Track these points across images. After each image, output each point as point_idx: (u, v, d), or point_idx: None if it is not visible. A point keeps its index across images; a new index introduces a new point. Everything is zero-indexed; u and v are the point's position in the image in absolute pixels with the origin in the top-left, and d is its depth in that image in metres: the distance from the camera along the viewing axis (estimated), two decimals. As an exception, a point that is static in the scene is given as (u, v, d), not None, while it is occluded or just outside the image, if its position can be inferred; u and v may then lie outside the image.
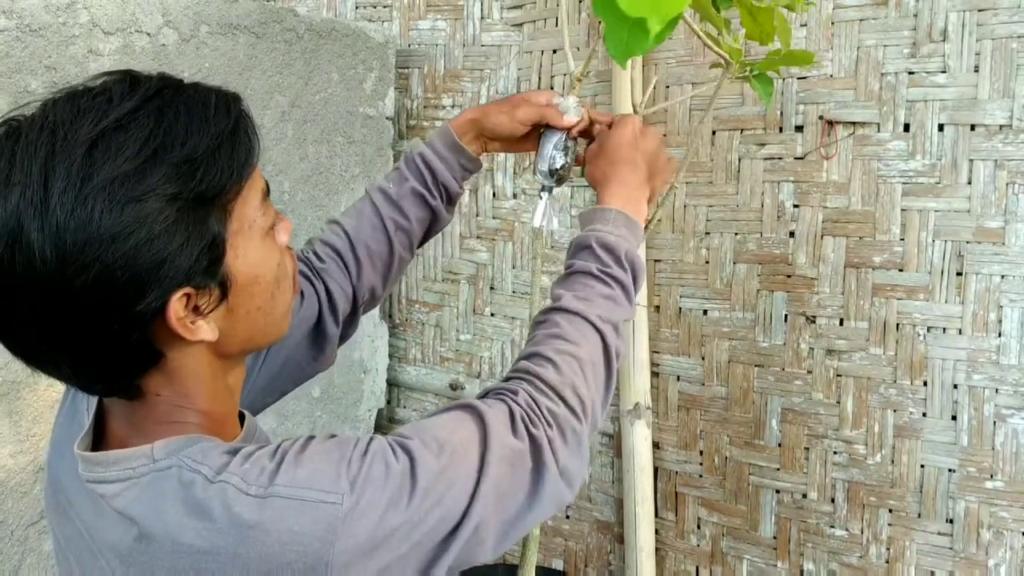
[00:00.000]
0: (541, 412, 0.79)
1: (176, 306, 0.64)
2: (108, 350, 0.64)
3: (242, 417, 0.79)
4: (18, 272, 0.60)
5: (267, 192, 0.74)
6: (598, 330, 0.88)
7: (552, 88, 1.14)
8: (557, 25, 2.23)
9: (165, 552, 0.64)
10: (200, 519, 0.63)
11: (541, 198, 1.12)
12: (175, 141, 0.63)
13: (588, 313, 0.88)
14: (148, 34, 1.76)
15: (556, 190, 1.12)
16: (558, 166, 1.09)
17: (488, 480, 0.71)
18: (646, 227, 1.03)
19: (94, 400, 0.75)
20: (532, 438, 0.77)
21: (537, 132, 1.11)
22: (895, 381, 1.84)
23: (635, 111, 1.16)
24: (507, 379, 0.85)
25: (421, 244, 1.13)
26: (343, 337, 1.06)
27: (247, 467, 0.65)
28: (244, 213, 0.69)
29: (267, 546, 0.63)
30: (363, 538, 0.64)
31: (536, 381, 0.82)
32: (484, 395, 0.83)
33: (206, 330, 0.67)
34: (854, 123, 1.85)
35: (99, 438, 0.74)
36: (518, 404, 0.78)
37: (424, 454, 0.69)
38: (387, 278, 1.10)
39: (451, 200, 1.12)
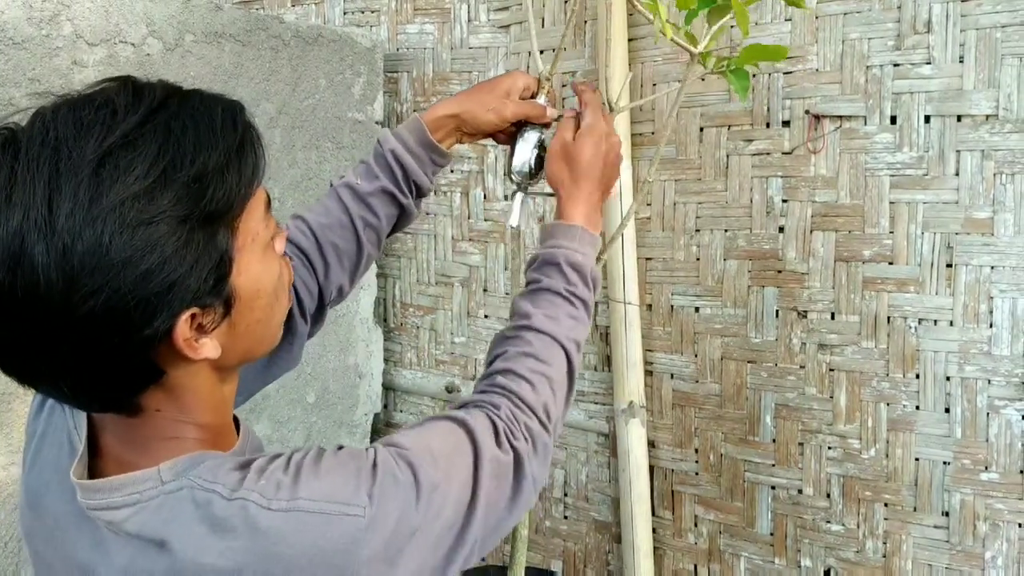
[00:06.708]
0: (520, 427, 0.83)
1: (182, 327, 0.63)
2: (109, 371, 0.63)
3: (236, 423, 0.78)
4: (19, 296, 0.58)
5: (269, 204, 0.73)
6: (565, 350, 0.93)
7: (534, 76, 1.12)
8: (544, 26, 2.23)
9: (186, 574, 0.63)
10: (223, 537, 0.63)
11: (521, 198, 1.12)
12: (184, 159, 0.61)
13: (557, 334, 0.92)
14: (132, 44, 1.77)
15: (531, 188, 1.11)
16: (535, 166, 1.09)
17: (482, 491, 0.74)
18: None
19: (81, 419, 0.73)
20: (515, 451, 0.80)
21: (511, 125, 1.09)
22: (887, 375, 1.84)
23: (611, 109, 1.16)
24: (483, 392, 0.88)
25: (388, 236, 1.12)
26: (310, 334, 1.05)
27: (263, 483, 0.65)
28: (248, 228, 0.68)
29: (293, 560, 0.63)
30: (383, 548, 0.65)
31: (514, 398, 0.86)
32: (463, 405, 0.85)
33: (210, 348, 0.66)
34: (840, 117, 1.85)
35: (92, 456, 0.72)
36: (500, 419, 0.82)
37: (424, 466, 0.70)
38: (355, 275, 1.08)
39: (420, 195, 1.09)
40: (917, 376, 1.81)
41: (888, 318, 1.83)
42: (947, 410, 1.79)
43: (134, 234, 0.59)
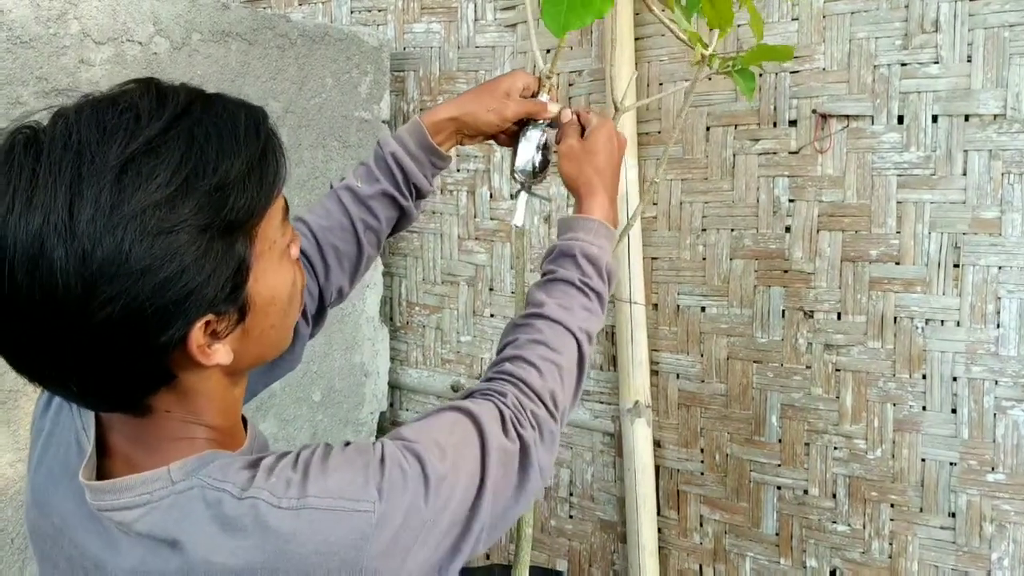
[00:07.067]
0: (527, 415, 0.83)
1: (196, 334, 0.63)
2: (120, 375, 0.63)
3: (244, 422, 0.78)
4: (37, 299, 0.58)
5: (287, 211, 0.73)
6: (576, 340, 0.93)
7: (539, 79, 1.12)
8: (550, 25, 2.22)
9: (197, 573, 0.63)
10: (233, 536, 0.63)
11: (525, 197, 1.12)
12: (206, 167, 0.61)
13: (569, 323, 0.93)
14: (140, 43, 1.77)
15: (535, 187, 1.11)
16: (539, 165, 1.09)
17: (489, 480, 0.74)
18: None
19: (88, 418, 0.73)
20: (521, 439, 0.80)
21: (513, 125, 1.09)
22: (894, 375, 1.83)
23: (616, 108, 1.16)
24: (491, 379, 0.88)
25: (388, 237, 1.12)
26: (311, 335, 1.05)
27: (273, 480, 0.65)
28: (266, 235, 0.68)
29: (304, 558, 0.63)
30: (392, 541, 0.66)
31: (521, 385, 0.86)
32: (470, 395, 0.85)
33: (222, 353, 0.66)
34: (848, 116, 1.84)
35: (100, 455, 0.72)
36: (507, 406, 0.82)
37: (430, 458, 0.70)
38: (355, 276, 1.08)
39: (420, 197, 1.10)
40: (924, 376, 1.80)
41: (895, 318, 1.82)
42: (954, 411, 1.78)
43: (154, 242, 0.59)
